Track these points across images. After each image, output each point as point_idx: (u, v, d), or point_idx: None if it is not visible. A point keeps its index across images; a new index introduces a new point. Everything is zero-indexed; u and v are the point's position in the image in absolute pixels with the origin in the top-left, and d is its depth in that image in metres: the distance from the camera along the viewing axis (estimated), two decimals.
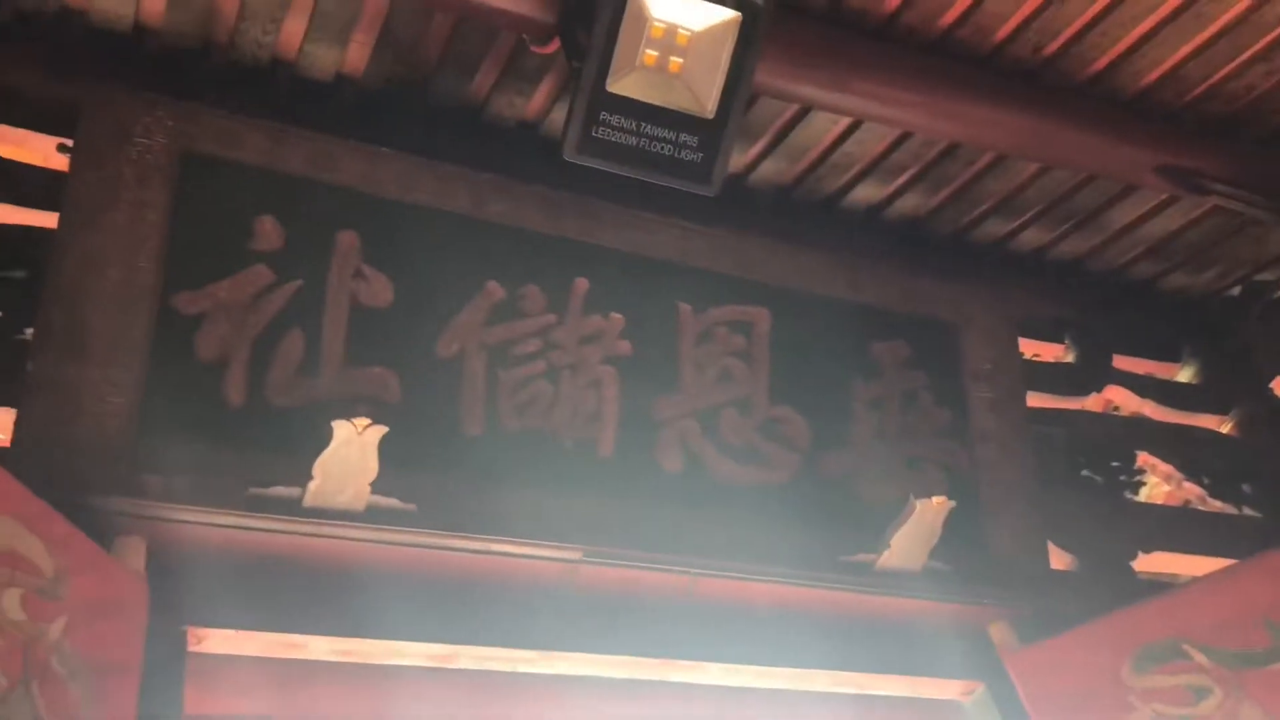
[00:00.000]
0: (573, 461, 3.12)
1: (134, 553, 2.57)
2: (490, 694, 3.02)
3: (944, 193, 3.93)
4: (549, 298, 3.27)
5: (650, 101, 2.95)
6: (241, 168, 3.03)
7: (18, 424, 2.63)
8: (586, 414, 3.19)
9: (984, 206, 4.01)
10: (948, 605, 3.40)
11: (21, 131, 3.07)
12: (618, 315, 3.33)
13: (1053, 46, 3.35)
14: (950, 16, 3.25)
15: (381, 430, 2.67)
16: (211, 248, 2.93)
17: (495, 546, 2.96)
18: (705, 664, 3.13)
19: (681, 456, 3.25)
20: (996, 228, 4.12)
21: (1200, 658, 3.25)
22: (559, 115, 3.48)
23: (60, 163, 3.01)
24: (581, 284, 3.32)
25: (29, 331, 2.77)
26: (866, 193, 3.94)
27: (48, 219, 2.91)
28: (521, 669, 3.01)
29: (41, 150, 3.10)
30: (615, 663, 3.07)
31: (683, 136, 3.00)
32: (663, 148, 3.00)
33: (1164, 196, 3.92)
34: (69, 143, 2.97)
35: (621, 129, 2.95)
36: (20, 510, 2.32)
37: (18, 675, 2.15)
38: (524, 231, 3.32)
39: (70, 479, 2.57)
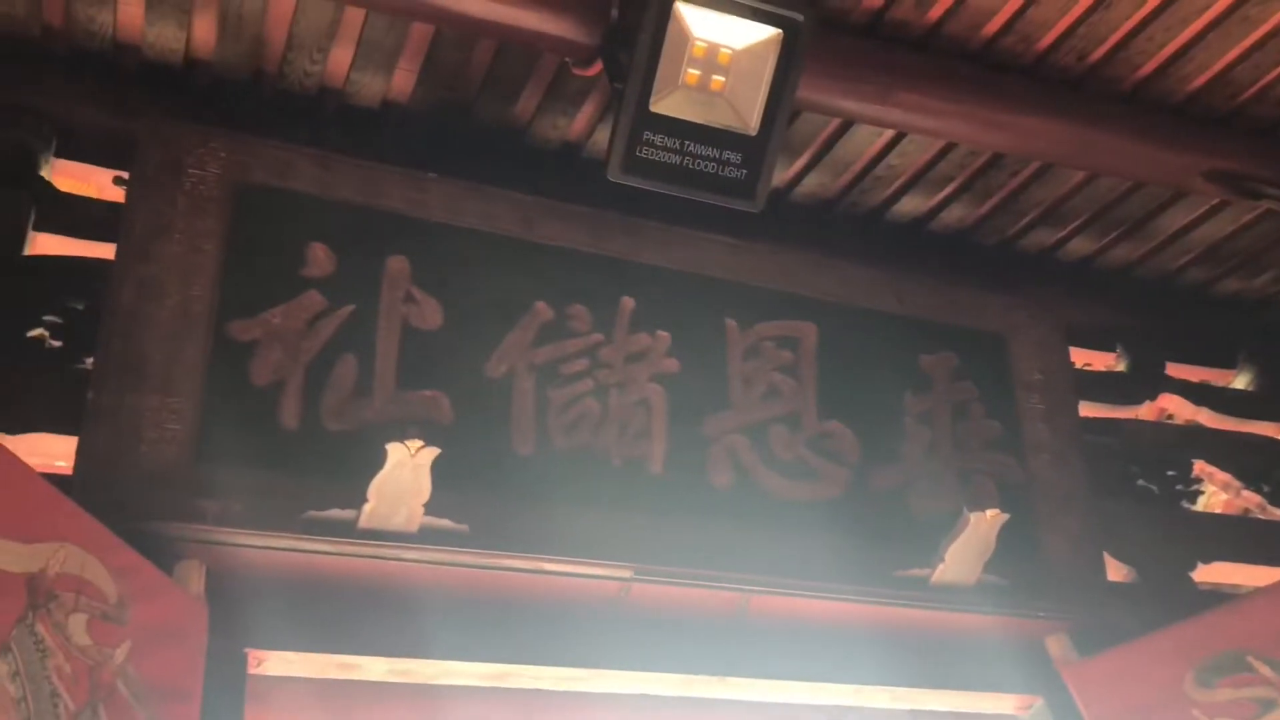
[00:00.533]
0: (623, 479, 3.12)
1: (194, 577, 2.61)
2: (544, 712, 3.04)
3: (990, 203, 3.92)
4: (596, 317, 3.28)
5: (693, 120, 2.97)
6: (292, 196, 3.07)
7: (79, 452, 2.68)
8: (635, 432, 3.20)
9: (1030, 216, 3.99)
10: (1003, 619, 3.36)
11: (79, 165, 3.15)
12: (664, 333, 3.34)
13: (1097, 54, 3.33)
14: (993, 26, 3.24)
15: (434, 452, 2.69)
16: (264, 275, 2.97)
17: (547, 566, 2.97)
18: (758, 681, 3.13)
19: (731, 473, 3.25)
20: (1044, 237, 4.09)
21: (1265, 670, 3.20)
22: (602, 136, 3.52)
23: (116, 195, 3.08)
24: (628, 302, 3.33)
25: (89, 361, 2.83)
26: (911, 205, 3.93)
27: (105, 250, 2.97)
28: (575, 687, 3.02)
29: (98, 183, 3.18)
30: (668, 681, 3.07)
31: (726, 154, 3.02)
32: (706, 165, 3.02)
33: (1214, 201, 3.88)
34: (124, 175, 3.03)
35: (665, 148, 2.98)
36: (85, 537, 2.36)
37: (85, 699, 2.19)
38: (570, 251, 3.34)
39: (131, 505, 2.61)
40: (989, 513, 3.18)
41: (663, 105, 2.93)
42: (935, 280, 3.81)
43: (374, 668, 2.81)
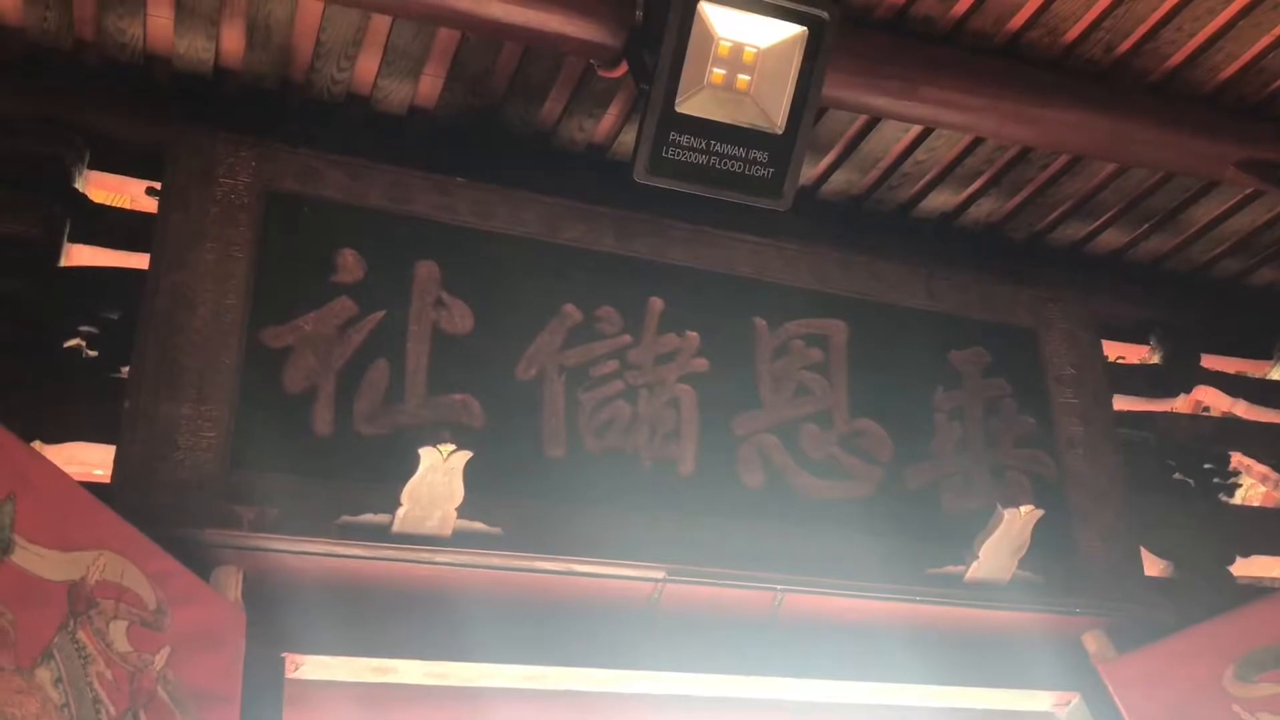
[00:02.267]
0: (654, 480, 3.13)
1: (231, 583, 2.63)
2: (578, 713, 3.05)
3: (1019, 197, 3.90)
4: (625, 318, 3.29)
5: (719, 120, 2.97)
6: (322, 203, 3.10)
7: (117, 460, 2.71)
8: (666, 433, 3.20)
9: (1061, 209, 3.96)
10: (1039, 615, 3.34)
11: (112, 176, 3.19)
12: (693, 333, 3.34)
13: (1125, 45, 3.30)
14: (1019, 20, 3.23)
15: (466, 455, 2.70)
16: (296, 282, 3.00)
17: (580, 567, 2.97)
18: (792, 680, 3.12)
19: (763, 472, 3.25)
20: (1074, 230, 4.07)
21: None
22: (628, 137, 3.52)
23: (149, 205, 3.11)
24: (656, 303, 3.34)
25: (124, 370, 2.86)
26: (940, 200, 3.91)
27: (139, 260, 3.01)
28: (609, 688, 3.03)
29: (131, 194, 3.21)
30: (701, 681, 3.07)
31: (753, 153, 3.02)
32: (733, 165, 3.02)
33: (1247, 191, 3.84)
34: (156, 185, 3.06)
35: (691, 148, 2.98)
36: (123, 545, 2.39)
37: (126, 705, 2.22)
38: (598, 253, 3.35)
39: (168, 513, 2.64)
40: (1023, 509, 3.16)
41: (688, 105, 2.93)
42: (965, 276, 3.79)
43: (410, 671, 2.83)
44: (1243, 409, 4.14)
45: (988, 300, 3.76)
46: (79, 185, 3.16)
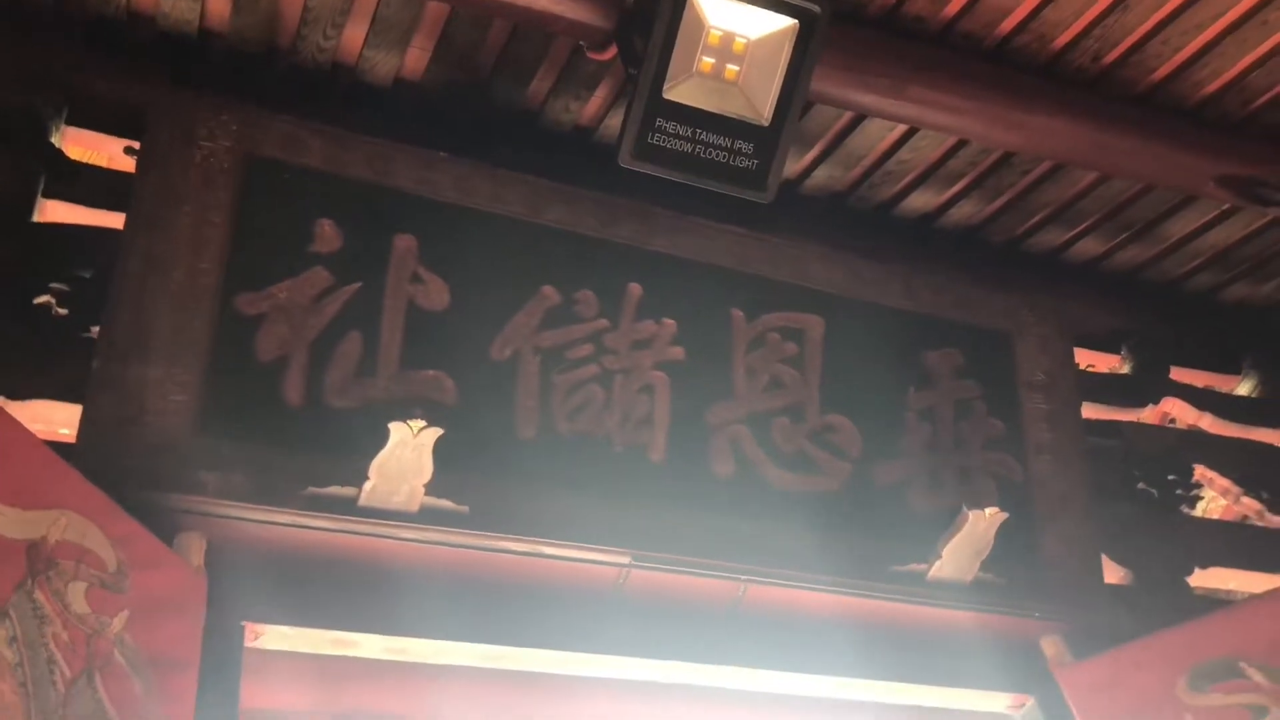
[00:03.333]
0: (624, 466, 3.12)
1: (194, 549, 2.61)
2: (538, 695, 3.05)
3: (999, 201, 3.91)
4: (603, 302, 3.28)
5: (706, 108, 2.97)
6: (303, 171, 3.07)
7: (83, 420, 2.68)
8: (638, 419, 3.20)
9: (1040, 215, 3.98)
10: (999, 617, 3.36)
11: (90, 134, 3.14)
12: (670, 321, 3.33)
13: (1113, 55, 3.32)
14: (1009, 24, 3.24)
15: (437, 432, 2.69)
16: (272, 250, 2.97)
17: (546, 549, 2.97)
18: (752, 671, 3.13)
19: (733, 463, 3.25)
20: (1052, 237, 4.09)
21: (1258, 677, 3.20)
22: (614, 121, 3.51)
23: (127, 164, 3.08)
24: (635, 289, 3.33)
25: (94, 330, 2.83)
26: (921, 200, 3.92)
27: (114, 220, 2.97)
28: (570, 671, 3.03)
29: (109, 152, 3.17)
30: (663, 668, 3.07)
31: (738, 143, 3.02)
32: (718, 154, 3.02)
33: (1224, 207, 3.87)
34: (135, 145, 3.03)
35: (677, 135, 2.97)
36: (85, 505, 2.37)
37: (81, 666, 2.20)
38: (579, 236, 3.33)
39: (132, 475, 2.61)
40: (988, 511, 3.18)
41: (676, 92, 2.93)
42: (943, 277, 3.80)
43: (370, 645, 2.81)
44: (1209, 422, 4.18)
45: (964, 302, 3.78)
46: (56, 140, 3.12)
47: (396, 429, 2.67)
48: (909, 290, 3.72)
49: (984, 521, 3.19)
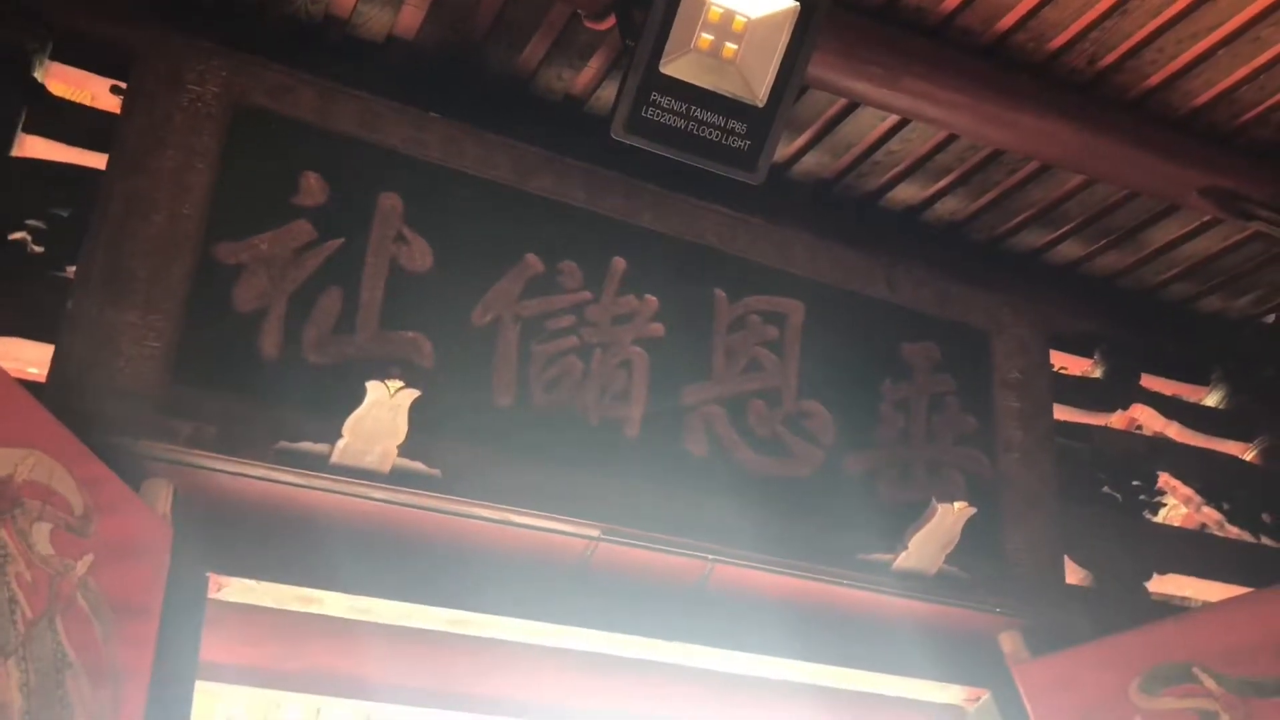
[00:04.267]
0: (598, 439, 3.12)
1: (161, 496, 2.59)
2: (500, 662, 3.05)
3: (984, 198, 3.92)
4: (586, 274, 3.26)
5: (702, 85, 2.94)
6: (291, 122, 3.03)
7: (54, 361, 2.65)
8: (615, 393, 3.19)
9: (1023, 215, 3.99)
10: (959, 610, 3.40)
11: (76, 71, 3.07)
12: (652, 297, 3.33)
13: (1108, 59, 3.33)
14: (1008, 21, 3.24)
15: (413, 394, 2.67)
16: (255, 200, 2.93)
17: (515, 518, 2.96)
18: (714, 650, 3.14)
19: (706, 443, 3.25)
20: (1034, 237, 4.11)
21: (1210, 683, 3.25)
22: (607, 93, 3.49)
23: (112, 104, 3.02)
24: (619, 263, 3.32)
25: (70, 270, 2.78)
26: (907, 193, 3.92)
27: (95, 160, 2.92)
28: (533, 640, 3.03)
29: (93, 91, 3.11)
30: (625, 642, 3.08)
31: (731, 123, 3.00)
32: (710, 133, 3.00)
33: (1206, 218, 3.90)
34: (122, 85, 2.97)
35: (671, 111, 2.95)
36: (54, 446, 2.34)
37: (43, 608, 2.17)
38: (565, 206, 3.32)
39: (102, 419, 2.58)
40: (957, 505, 3.21)
41: (673, 67, 2.90)
42: (925, 271, 3.81)
43: (335, 603, 2.80)
44: (1175, 431, 4.22)
45: (944, 298, 3.79)
46: (39, 75, 3.05)
47: (373, 388, 2.65)
48: (890, 282, 3.73)
49: (952, 515, 3.21)
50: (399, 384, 2.67)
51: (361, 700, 2.94)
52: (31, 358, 2.74)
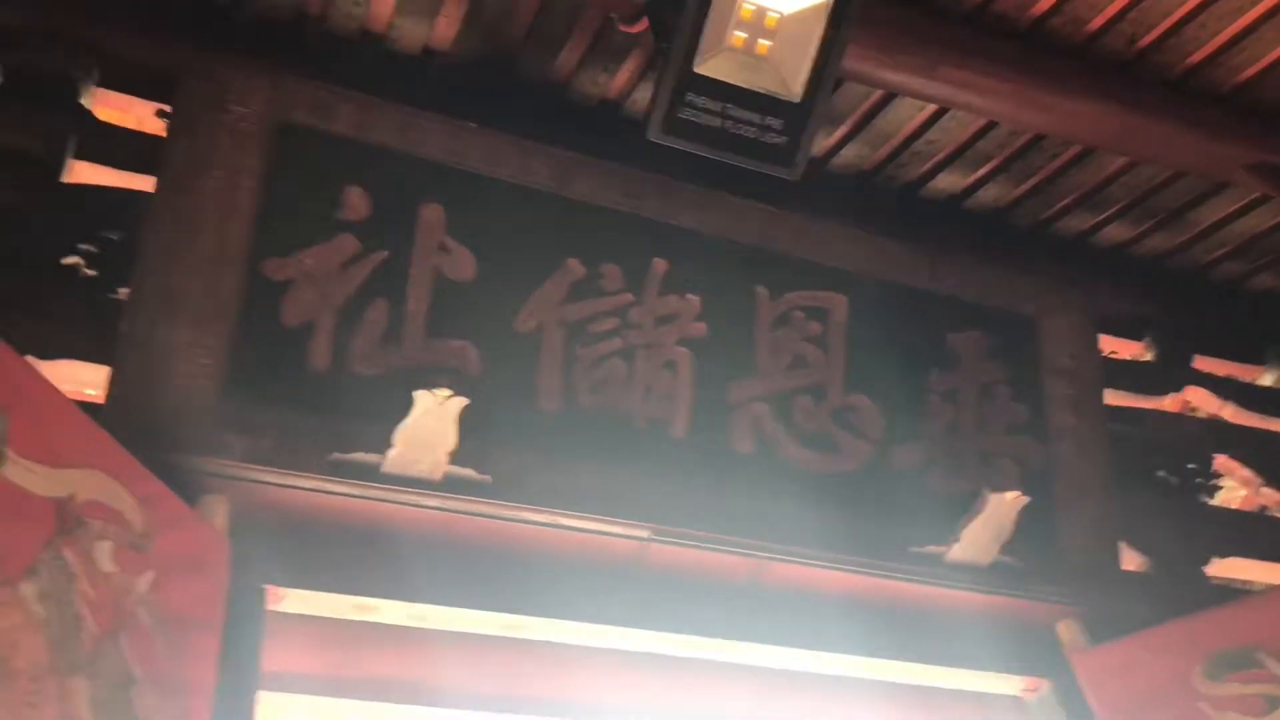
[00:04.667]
0: (646, 440, 3.13)
1: (218, 511, 2.63)
2: (555, 665, 3.06)
3: (1027, 184, 3.89)
4: (627, 277, 3.27)
5: (737, 83, 2.93)
6: (332, 138, 3.06)
7: (111, 382, 2.70)
8: (660, 394, 3.20)
9: (1067, 199, 3.96)
10: (1015, 600, 3.37)
11: (121, 96, 3.13)
12: (694, 297, 3.33)
13: (1148, 38, 3.29)
14: (1044, 5, 3.21)
15: (462, 402, 2.70)
16: (300, 216, 2.97)
17: (566, 521, 2.98)
18: (769, 647, 3.14)
19: (753, 440, 3.25)
20: (1079, 221, 4.06)
21: (1275, 667, 3.20)
22: (642, 94, 3.50)
23: (157, 128, 3.07)
24: (660, 264, 3.32)
25: (122, 292, 2.84)
26: (948, 181, 3.90)
27: (144, 183, 2.97)
28: (587, 642, 3.04)
29: (139, 115, 3.16)
30: (680, 641, 3.09)
31: (768, 119, 2.98)
32: (747, 130, 2.99)
33: (1254, 195, 3.84)
34: (167, 108, 3.03)
35: (706, 110, 2.94)
36: (113, 466, 2.38)
37: (108, 626, 2.22)
38: (605, 210, 3.33)
39: (159, 437, 2.63)
40: (1009, 495, 3.19)
41: (707, 67, 2.89)
42: (969, 259, 3.78)
43: (391, 611, 2.83)
44: (1230, 412, 4.15)
45: (990, 285, 3.76)
46: (86, 102, 3.12)
47: (421, 397, 2.68)
48: (934, 271, 3.70)
49: (1005, 505, 3.19)
50: (447, 392, 2.69)
51: (420, 706, 2.97)
52: (89, 379, 2.79)
